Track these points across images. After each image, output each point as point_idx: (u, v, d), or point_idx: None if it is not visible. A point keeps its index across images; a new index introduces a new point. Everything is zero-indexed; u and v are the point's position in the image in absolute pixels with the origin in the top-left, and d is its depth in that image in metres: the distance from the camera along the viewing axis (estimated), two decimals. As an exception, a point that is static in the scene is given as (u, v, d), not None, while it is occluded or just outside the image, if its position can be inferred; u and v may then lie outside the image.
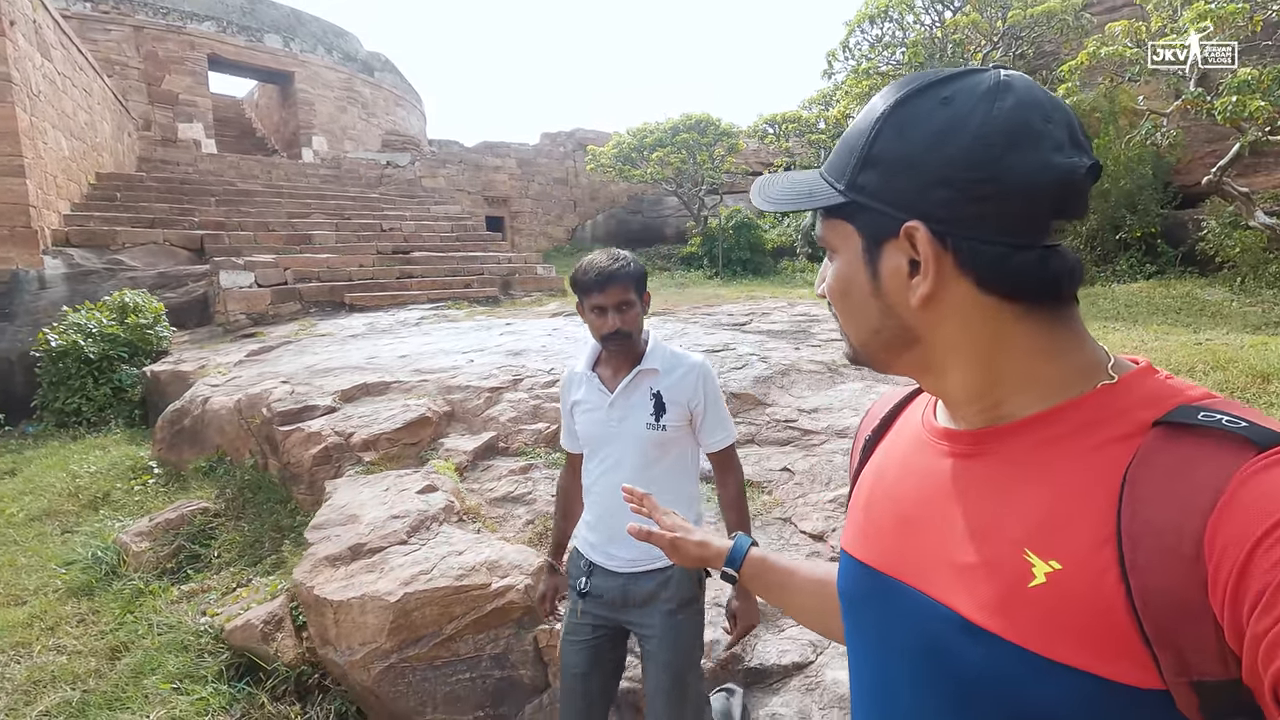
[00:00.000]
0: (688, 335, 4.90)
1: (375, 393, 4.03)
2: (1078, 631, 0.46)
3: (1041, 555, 0.49)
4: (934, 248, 0.52)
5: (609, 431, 1.63)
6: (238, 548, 3.26)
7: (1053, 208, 0.51)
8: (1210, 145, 9.05)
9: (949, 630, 0.53)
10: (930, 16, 10.63)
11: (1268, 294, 7.23)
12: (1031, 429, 0.53)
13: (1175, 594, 0.43)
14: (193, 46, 17.63)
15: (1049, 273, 0.52)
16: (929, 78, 0.54)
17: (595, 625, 1.65)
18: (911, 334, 0.56)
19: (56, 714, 2.36)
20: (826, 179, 0.58)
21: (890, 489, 0.64)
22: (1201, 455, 0.45)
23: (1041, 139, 0.50)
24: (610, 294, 1.56)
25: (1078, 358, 0.53)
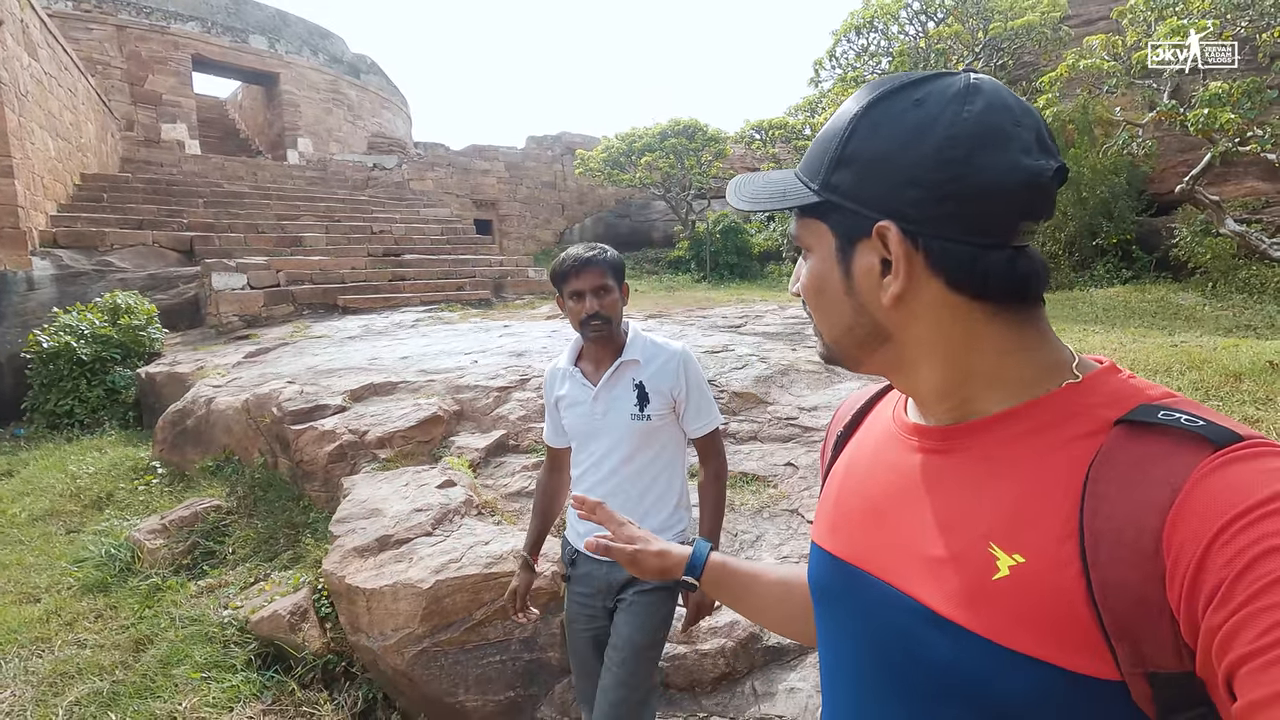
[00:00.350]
0: (686, 337, 5.02)
1: (383, 393, 4.10)
2: (1039, 623, 0.47)
3: (1006, 549, 0.50)
4: (905, 247, 0.53)
5: (594, 424, 1.65)
6: (252, 544, 3.32)
7: (1021, 209, 0.52)
8: (1182, 155, 9.38)
9: (916, 622, 0.54)
10: (914, 27, 10.89)
11: (1238, 298, 7.53)
12: (999, 425, 0.54)
13: (1134, 588, 0.44)
14: (176, 46, 17.47)
15: (1017, 273, 0.53)
16: (901, 80, 0.55)
17: (591, 615, 1.69)
18: (883, 332, 0.57)
19: (88, 703, 2.41)
20: (801, 179, 0.59)
21: (860, 483, 0.66)
22: (1160, 453, 0.46)
23: (1010, 141, 0.51)
24: (586, 278, 1.58)
25: (1044, 357, 0.55)
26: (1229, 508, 0.42)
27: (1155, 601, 0.43)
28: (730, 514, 2.72)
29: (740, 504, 2.80)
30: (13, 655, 2.78)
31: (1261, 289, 7.63)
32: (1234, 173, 9.06)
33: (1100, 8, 10.86)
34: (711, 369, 4.06)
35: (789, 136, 14.21)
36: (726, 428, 3.49)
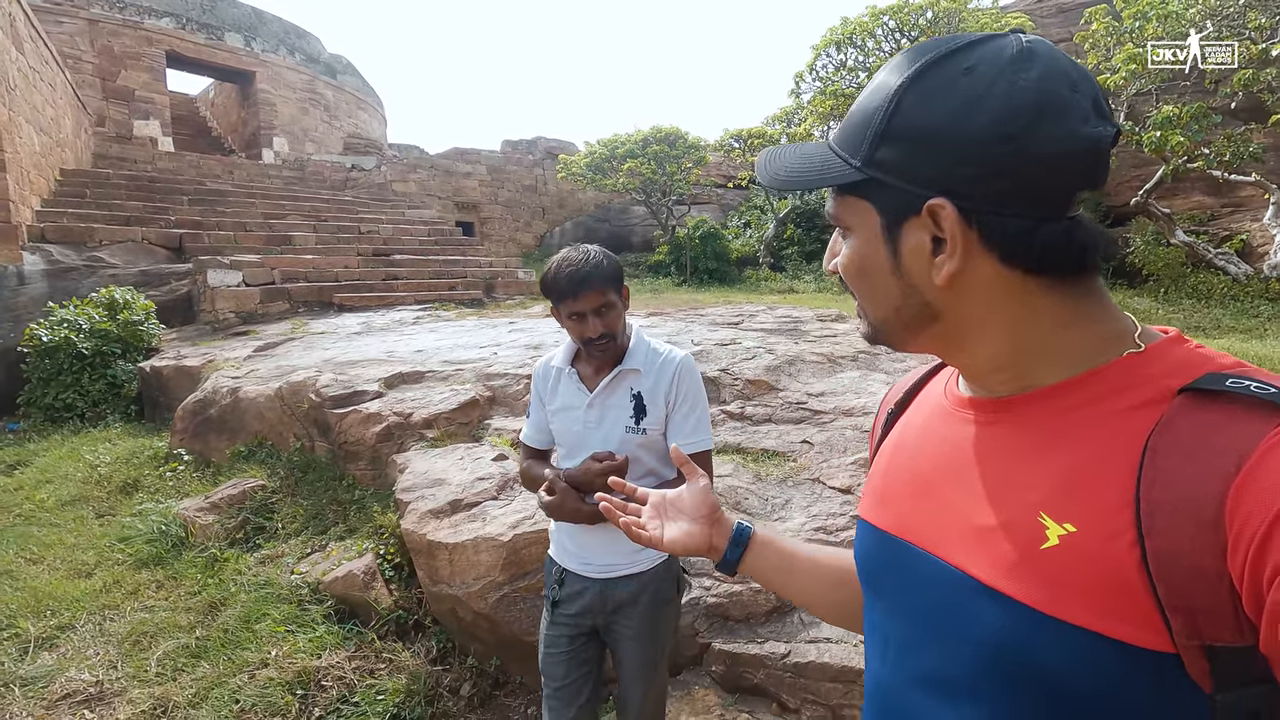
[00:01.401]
0: (691, 333, 5.33)
1: (411, 381, 4.31)
2: (1089, 592, 0.46)
3: (1056, 518, 0.49)
4: (960, 225, 0.51)
5: (586, 433, 1.54)
6: (301, 519, 3.51)
7: (1080, 179, 0.50)
8: (1136, 170, 10.06)
9: (963, 593, 0.53)
10: (890, 44, 11.46)
11: (1187, 303, 8.16)
12: (1055, 396, 0.52)
13: (1191, 558, 0.43)
14: (150, 42, 17.24)
15: (1074, 244, 0.51)
16: (946, 45, 0.52)
17: (572, 635, 1.60)
18: (932, 311, 0.55)
19: (177, 655, 2.60)
20: (839, 153, 0.56)
21: (910, 457, 0.65)
22: (1227, 421, 0.44)
23: (1069, 109, 0.48)
24: (587, 299, 1.46)
25: (1103, 327, 0.53)
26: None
27: (1214, 572, 0.42)
28: (759, 483, 3.02)
29: (766, 475, 3.11)
30: (85, 621, 2.95)
31: (1209, 295, 8.28)
32: (1183, 188, 9.78)
33: (1061, 30, 11.57)
34: (724, 359, 4.37)
35: (766, 146, 14.69)
36: (743, 411, 3.81)
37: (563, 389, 1.60)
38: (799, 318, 6.45)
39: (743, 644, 2.15)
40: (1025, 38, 0.51)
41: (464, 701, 2.45)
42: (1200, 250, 8.82)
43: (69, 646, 2.76)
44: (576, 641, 1.60)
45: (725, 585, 2.29)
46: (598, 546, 1.55)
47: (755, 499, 2.86)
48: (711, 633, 2.21)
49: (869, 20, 11.47)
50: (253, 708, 2.30)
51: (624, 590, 1.55)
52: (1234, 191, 9.45)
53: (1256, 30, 8.01)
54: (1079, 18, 10.52)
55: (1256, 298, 7.93)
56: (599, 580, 1.56)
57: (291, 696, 2.34)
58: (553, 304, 1.53)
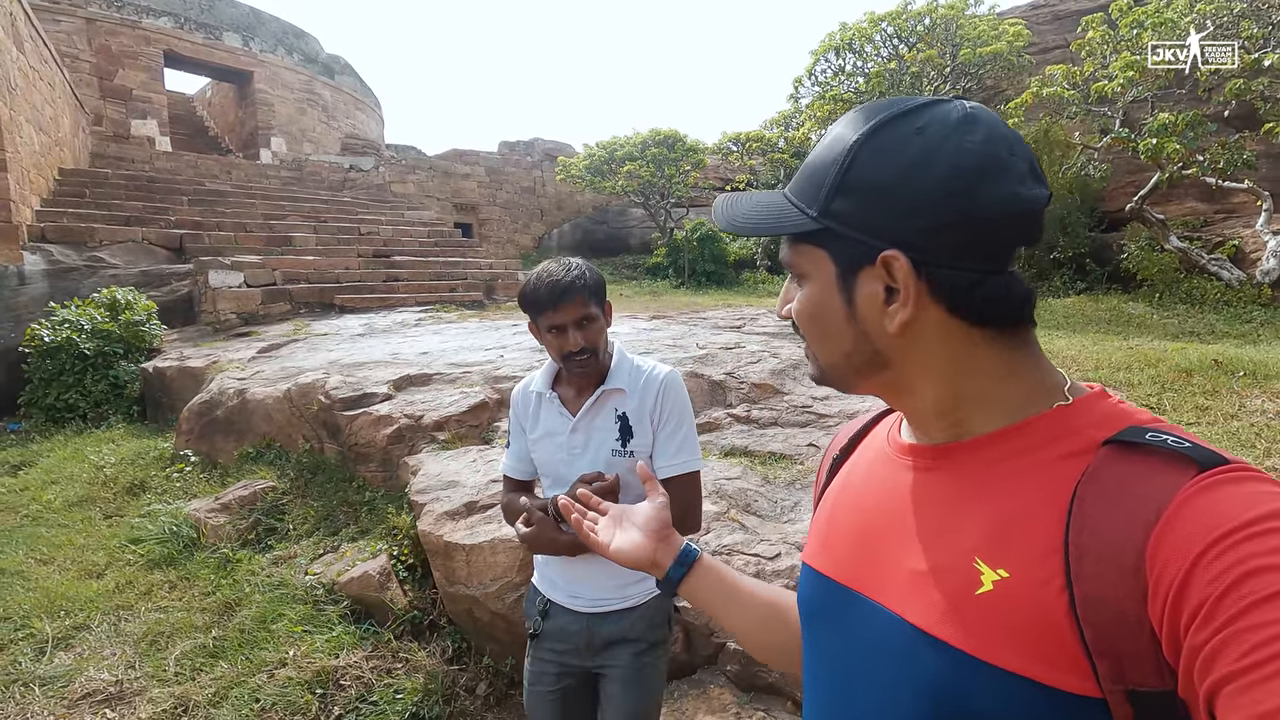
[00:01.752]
0: (695, 336, 5.38)
1: (419, 383, 4.35)
2: (1022, 638, 0.48)
3: (991, 564, 0.50)
4: (912, 276, 0.53)
5: (571, 458, 1.47)
6: (312, 520, 3.54)
7: (1018, 236, 0.53)
8: (1130, 176, 10.17)
9: (899, 638, 0.55)
10: (888, 50, 11.55)
11: (1180, 308, 8.25)
12: (991, 445, 0.55)
13: (1116, 604, 0.44)
14: (148, 42, 17.21)
15: (1014, 297, 0.54)
16: (899, 106, 0.55)
17: (560, 673, 1.52)
18: (882, 358, 0.57)
19: (195, 655, 2.63)
20: (794, 202, 0.58)
21: (853, 502, 0.66)
22: (1147, 472, 0.47)
23: (1008, 171, 0.52)
24: (566, 310, 1.38)
25: (1036, 379, 0.56)
26: (1214, 528, 0.42)
27: (1136, 618, 0.44)
28: (767, 485, 3.07)
29: (774, 478, 3.16)
30: (99, 621, 2.97)
31: (1202, 300, 8.37)
32: (1176, 194, 9.89)
33: (1056, 38, 11.69)
34: (729, 363, 4.42)
35: (764, 149, 14.79)
36: (749, 415, 3.86)
37: (544, 415, 1.52)
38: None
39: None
40: (968, 104, 0.55)
41: (480, 700, 2.49)
42: (1194, 256, 8.93)
43: (85, 646, 2.79)
44: (565, 681, 1.51)
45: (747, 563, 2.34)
46: (586, 579, 1.47)
47: (765, 501, 2.91)
48: (725, 633, 2.26)
49: (868, 26, 11.57)
50: (273, 706, 2.33)
51: (613, 626, 1.46)
52: (1226, 198, 9.56)
53: (1249, 39, 8.13)
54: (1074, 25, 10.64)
55: (1249, 303, 8.03)
56: (586, 615, 1.48)
57: (311, 695, 2.38)
58: (531, 319, 1.45)
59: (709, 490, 2.91)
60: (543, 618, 1.52)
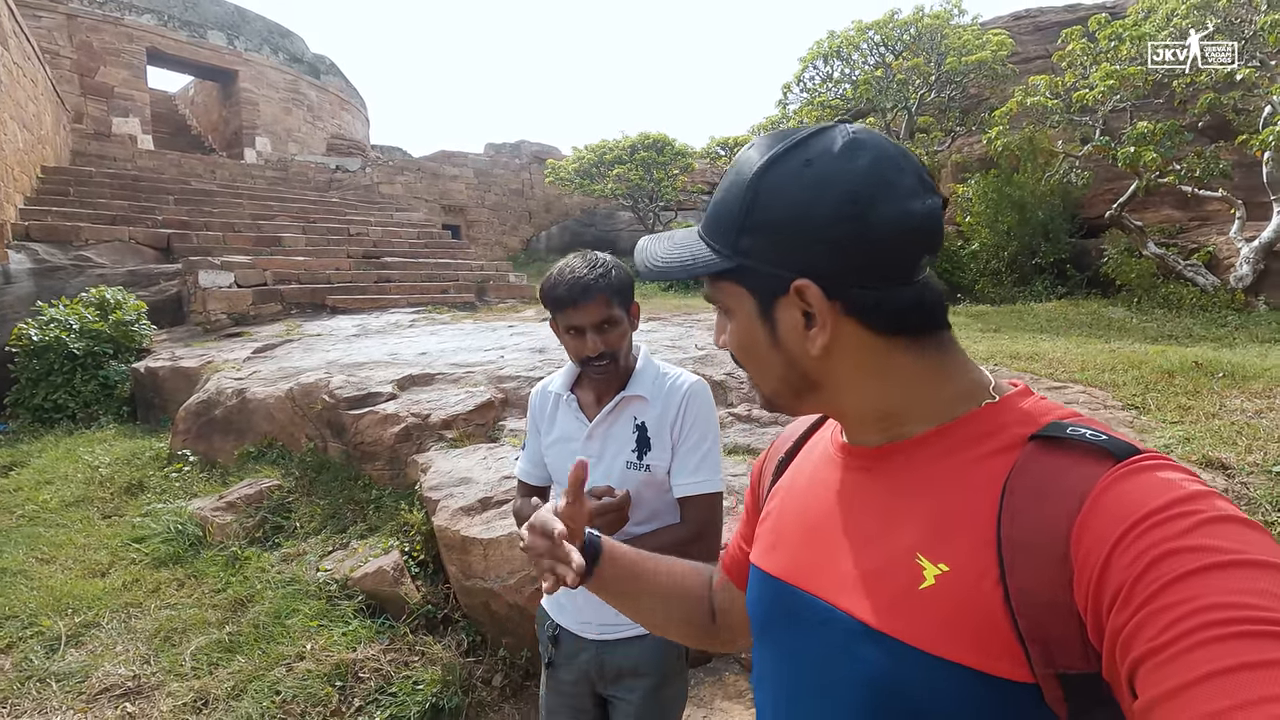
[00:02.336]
0: (693, 337, 5.46)
1: (422, 383, 4.38)
2: (962, 629, 0.49)
3: (932, 559, 0.52)
4: (824, 300, 0.55)
5: None
6: (319, 519, 3.57)
7: (919, 248, 0.55)
8: (1109, 184, 10.44)
9: (847, 635, 0.56)
10: (875, 58, 11.75)
11: (1158, 313, 8.49)
12: (924, 445, 0.57)
13: (1045, 593, 0.46)
14: (131, 39, 17.00)
15: (926, 305, 0.57)
16: (787, 140, 0.57)
17: (577, 709, 1.45)
18: (812, 380, 0.59)
19: (211, 650, 2.65)
20: (709, 242, 0.60)
21: (797, 504, 0.68)
22: (1069, 465, 0.49)
23: (897, 188, 0.54)
24: (588, 310, 1.30)
25: (962, 380, 0.58)
26: (1128, 515, 0.44)
27: (1064, 604, 0.46)
28: (772, 482, 3.16)
29: (778, 474, 3.25)
30: (109, 619, 2.97)
31: (1179, 305, 8.62)
32: (1153, 202, 10.16)
33: (1038, 48, 11.96)
34: (728, 363, 4.51)
35: (753, 154, 14.91)
36: (750, 414, 3.94)
37: (560, 418, 1.45)
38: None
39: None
40: (851, 129, 0.57)
41: (497, 691, 2.54)
42: (1170, 262, 9.19)
43: (97, 643, 2.79)
44: (582, 716, 1.44)
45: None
46: (590, 603, 1.35)
47: (770, 497, 2.99)
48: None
49: (855, 34, 11.76)
50: (294, 699, 2.36)
51: (624, 656, 1.37)
52: (1202, 206, 9.85)
53: (1224, 53, 8.39)
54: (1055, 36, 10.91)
55: (1224, 308, 8.28)
56: (595, 642, 1.39)
57: (331, 688, 2.41)
58: (551, 315, 1.37)
59: (717, 486, 2.98)
60: (553, 644, 1.44)
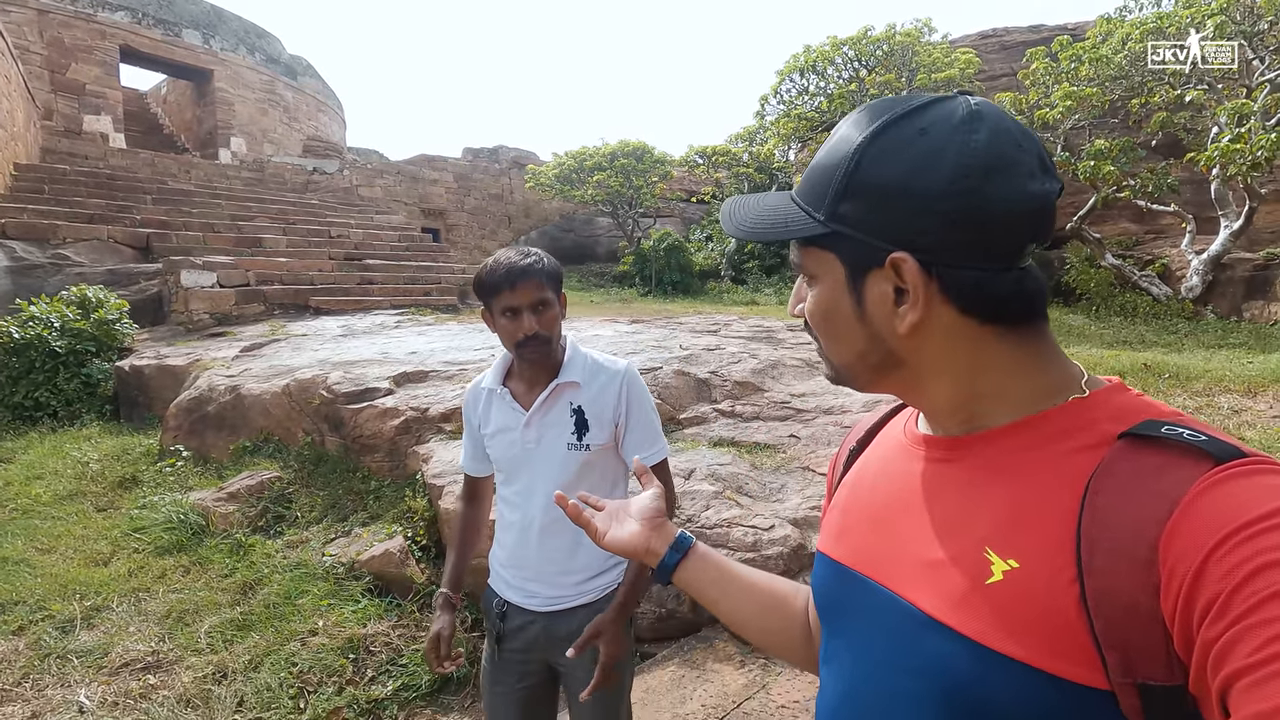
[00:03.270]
0: (676, 339, 5.67)
1: (416, 380, 4.52)
2: (1030, 628, 0.47)
3: (1001, 554, 0.50)
4: (921, 277, 0.53)
5: (525, 454, 1.45)
6: (320, 508, 3.69)
7: (1029, 232, 0.53)
8: (1070, 197, 10.92)
9: (911, 625, 0.55)
10: (849, 72, 12.15)
11: (1115, 320, 8.94)
12: (1005, 437, 0.55)
13: (1127, 597, 0.44)
14: (104, 36, 16.78)
15: (1025, 294, 0.54)
16: (902, 106, 0.55)
17: (522, 673, 1.48)
18: (896, 357, 0.57)
19: (224, 629, 2.78)
20: (802, 206, 0.58)
21: (867, 492, 0.67)
22: (1162, 466, 0.46)
23: (1016, 167, 0.51)
24: (522, 291, 1.37)
25: (1053, 373, 0.55)
26: (1228, 522, 0.42)
27: (1148, 611, 0.44)
28: (756, 470, 3.37)
29: (761, 464, 3.45)
30: (118, 603, 3.07)
31: (1134, 313, 9.09)
32: (1111, 215, 10.68)
33: (1004, 66, 12.47)
34: (712, 363, 4.73)
35: (730, 163, 15.28)
36: (734, 410, 4.16)
37: (495, 411, 1.50)
38: (770, 327, 6.87)
39: (757, 602, 2.48)
40: (973, 100, 0.54)
41: (501, 664, 2.70)
42: (1127, 272, 9.67)
43: (109, 625, 2.90)
44: (526, 681, 1.48)
45: (740, 553, 2.62)
46: (539, 578, 1.45)
47: (754, 484, 3.21)
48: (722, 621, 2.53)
49: (830, 49, 12.16)
50: (310, 670, 2.50)
51: (572, 625, 1.43)
52: (1156, 220, 10.38)
53: (1174, 76, 8.90)
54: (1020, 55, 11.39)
55: (1175, 316, 8.76)
56: (544, 615, 1.46)
57: (345, 660, 2.56)
58: (485, 306, 1.44)
59: (706, 473, 3.19)
60: (501, 619, 1.49)
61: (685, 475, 3.17)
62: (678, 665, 2.37)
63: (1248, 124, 7.74)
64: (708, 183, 16.40)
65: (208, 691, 2.41)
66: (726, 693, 2.21)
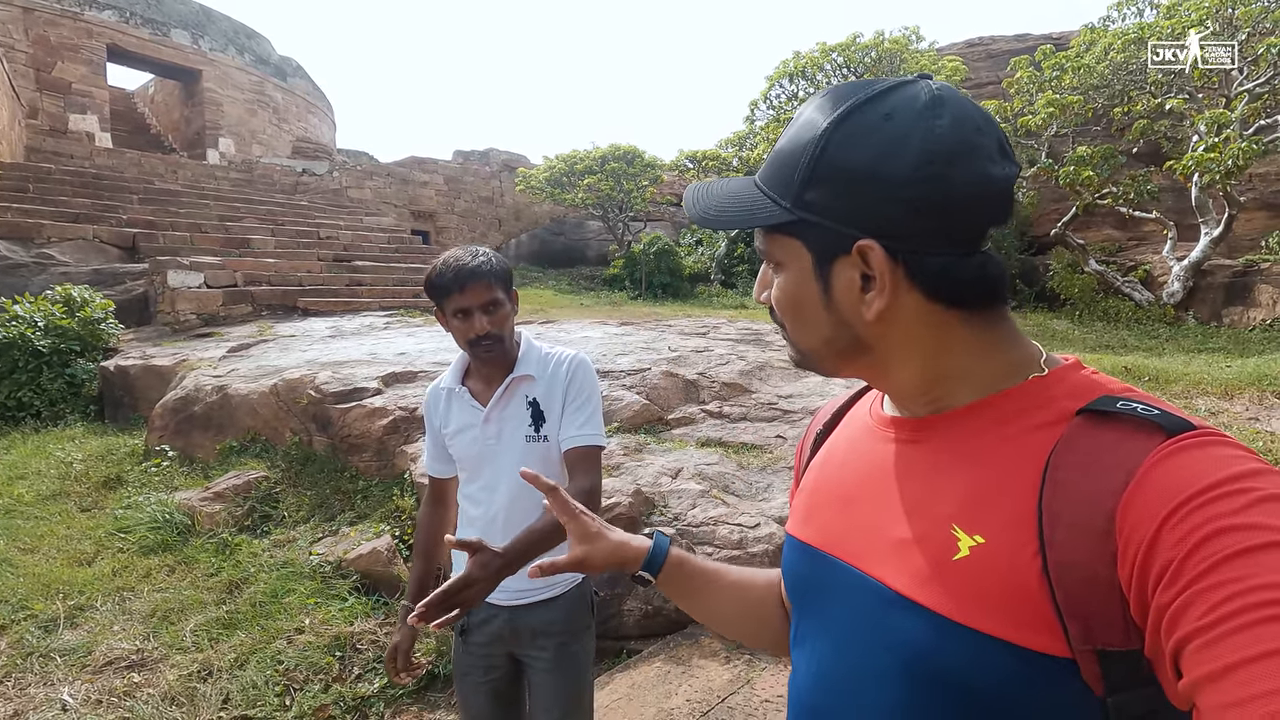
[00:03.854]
0: (665, 340, 5.70)
1: (405, 380, 4.53)
2: (996, 601, 0.49)
3: (967, 530, 0.51)
4: (888, 264, 0.53)
5: (486, 450, 1.48)
6: (307, 508, 3.69)
7: (991, 216, 0.54)
8: (1055, 204, 11.09)
9: (880, 603, 0.56)
10: (838, 78, 12.26)
11: (1098, 325, 9.07)
12: (968, 416, 0.56)
13: (1086, 568, 0.46)
14: (90, 35, 16.66)
15: (988, 279, 0.55)
16: (866, 91, 0.54)
17: (488, 665, 1.52)
18: (862, 343, 0.58)
19: (210, 627, 2.77)
20: (766, 192, 0.58)
21: (835, 473, 0.67)
22: (1117, 440, 0.48)
23: (978, 152, 0.52)
24: (472, 293, 1.40)
25: (1013, 353, 0.57)
26: (1180, 491, 0.43)
27: (1106, 580, 0.45)
28: (742, 470, 3.40)
29: (747, 464, 3.49)
30: (102, 602, 3.06)
31: (1116, 318, 9.23)
32: (1095, 222, 10.83)
33: (990, 74, 12.64)
34: (700, 364, 4.76)
35: (720, 168, 15.35)
36: (721, 410, 4.19)
37: (455, 410, 1.52)
38: (759, 330, 6.92)
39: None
40: (934, 84, 0.54)
41: (488, 661, 2.71)
42: (1110, 278, 9.81)
43: (93, 624, 2.88)
44: (495, 673, 1.52)
45: (726, 551, 2.65)
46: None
47: (741, 483, 3.24)
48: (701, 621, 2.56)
49: (819, 55, 12.28)
50: (296, 667, 2.50)
51: (536, 617, 1.46)
52: (1138, 227, 10.53)
53: (1155, 85, 9.06)
54: (1005, 63, 11.55)
55: (1156, 321, 8.90)
56: (508, 608, 1.48)
57: (332, 658, 2.56)
58: (438, 307, 1.46)
59: (693, 473, 3.22)
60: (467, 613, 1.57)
61: (673, 475, 3.20)
62: (663, 661, 2.39)
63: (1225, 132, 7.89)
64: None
65: (193, 689, 2.41)
66: (711, 688, 2.24)
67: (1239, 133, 7.97)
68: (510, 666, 1.53)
